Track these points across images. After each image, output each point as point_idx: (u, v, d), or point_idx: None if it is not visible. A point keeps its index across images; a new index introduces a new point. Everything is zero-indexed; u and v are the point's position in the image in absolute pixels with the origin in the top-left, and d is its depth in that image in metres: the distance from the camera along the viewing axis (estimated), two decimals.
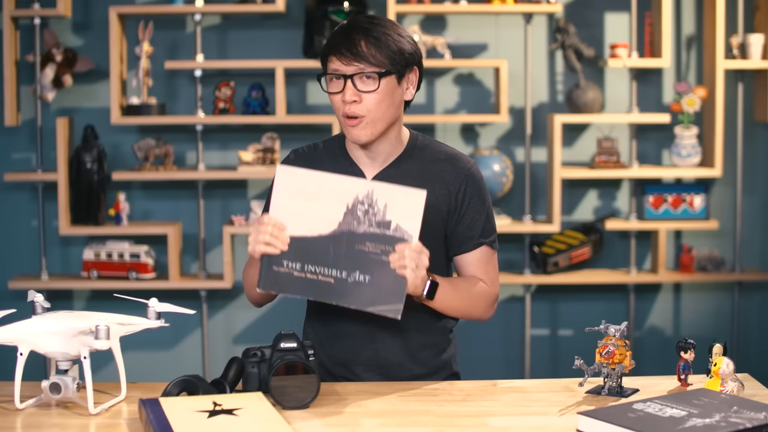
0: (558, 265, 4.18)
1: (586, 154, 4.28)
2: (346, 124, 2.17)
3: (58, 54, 4.05)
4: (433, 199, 2.19)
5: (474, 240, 2.25)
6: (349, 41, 2.12)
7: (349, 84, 2.13)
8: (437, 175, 2.23)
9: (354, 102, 2.13)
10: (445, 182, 2.23)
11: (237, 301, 4.32)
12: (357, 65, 2.12)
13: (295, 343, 1.98)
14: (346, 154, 2.26)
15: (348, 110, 2.14)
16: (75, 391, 1.93)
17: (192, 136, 4.19)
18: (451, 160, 2.26)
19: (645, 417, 1.77)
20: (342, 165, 2.24)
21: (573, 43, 4.12)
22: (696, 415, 1.77)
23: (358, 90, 2.13)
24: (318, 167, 2.19)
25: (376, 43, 2.12)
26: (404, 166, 2.23)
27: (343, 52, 2.12)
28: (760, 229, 4.37)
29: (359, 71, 2.12)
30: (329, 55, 2.15)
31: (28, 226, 4.26)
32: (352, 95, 2.13)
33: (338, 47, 2.13)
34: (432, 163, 2.25)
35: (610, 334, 2.04)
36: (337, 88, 2.15)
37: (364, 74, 2.12)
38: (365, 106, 2.14)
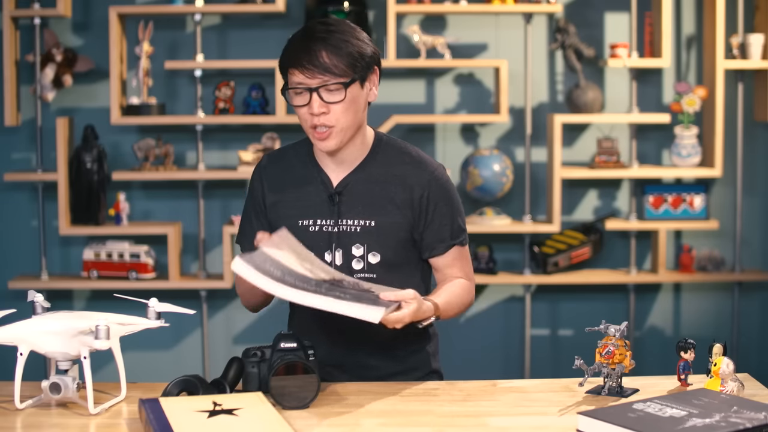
0: (558, 265, 4.18)
1: (586, 154, 4.28)
2: (315, 136, 2.16)
3: (58, 54, 4.05)
4: (397, 201, 2.22)
5: (445, 243, 2.27)
6: (309, 53, 2.09)
7: (315, 96, 2.11)
8: (401, 178, 2.23)
9: (322, 114, 2.12)
10: (408, 186, 2.23)
11: (237, 301, 4.31)
12: (321, 77, 2.09)
13: (295, 343, 1.98)
14: (313, 160, 2.26)
15: (317, 121, 2.13)
16: (75, 391, 1.93)
17: (192, 136, 4.19)
18: (415, 164, 2.25)
19: (645, 417, 1.77)
20: (310, 171, 2.25)
21: (573, 43, 4.12)
22: (696, 415, 1.77)
23: (324, 101, 2.11)
24: (288, 173, 2.25)
25: (337, 51, 2.09)
26: (369, 169, 2.23)
27: (305, 65, 2.09)
28: (760, 229, 4.37)
29: (323, 83, 2.10)
30: (290, 68, 2.12)
31: (28, 226, 4.26)
32: (320, 107, 2.11)
33: (299, 60, 2.10)
34: (396, 166, 2.24)
35: (610, 334, 2.04)
36: (303, 101, 2.12)
37: (329, 85, 2.10)
38: (333, 117, 2.13)
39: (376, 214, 2.21)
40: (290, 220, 2.22)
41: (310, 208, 2.23)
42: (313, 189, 2.23)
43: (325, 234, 2.21)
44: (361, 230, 2.21)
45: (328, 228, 2.21)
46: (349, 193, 2.22)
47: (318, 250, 2.19)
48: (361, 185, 2.21)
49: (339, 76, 2.10)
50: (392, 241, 2.22)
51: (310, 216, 2.22)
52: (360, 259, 2.22)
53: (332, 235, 2.21)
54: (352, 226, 2.21)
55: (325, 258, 2.21)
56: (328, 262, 2.21)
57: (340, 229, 2.21)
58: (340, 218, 2.21)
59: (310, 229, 2.22)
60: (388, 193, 2.22)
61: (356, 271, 2.22)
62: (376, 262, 2.22)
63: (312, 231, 2.22)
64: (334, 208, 2.21)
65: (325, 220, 2.22)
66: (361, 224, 2.21)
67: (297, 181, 2.25)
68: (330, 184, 2.23)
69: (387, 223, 2.21)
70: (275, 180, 2.27)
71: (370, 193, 2.22)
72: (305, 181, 2.25)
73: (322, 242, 2.21)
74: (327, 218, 2.22)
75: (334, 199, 2.21)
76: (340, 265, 2.21)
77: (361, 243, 2.21)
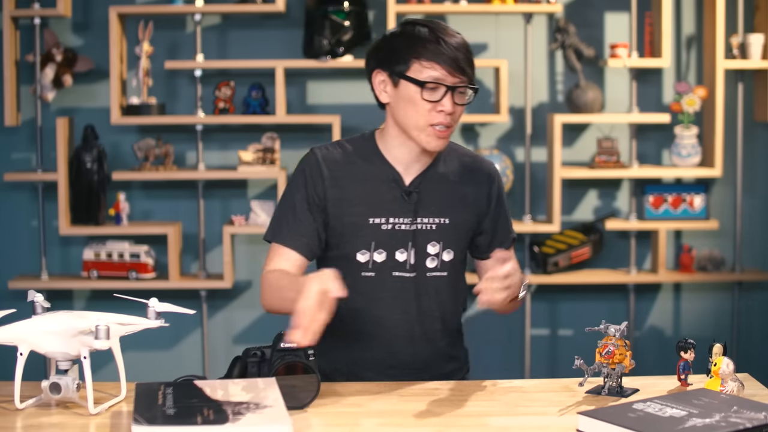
0: (558, 265, 4.18)
1: (586, 154, 4.28)
2: (433, 134, 2.17)
3: (58, 54, 4.05)
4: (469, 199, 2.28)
5: (510, 237, 2.36)
6: (453, 53, 2.13)
7: (449, 95, 2.15)
8: (467, 177, 2.29)
9: (450, 114, 2.16)
10: (475, 184, 2.29)
11: (237, 301, 4.32)
12: (459, 78, 2.15)
13: (295, 343, 1.98)
14: (381, 157, 2.25)
15: (443, 120, 2.15)
16: (75, 391, 1.93)
17: (192, 136, 4.19)
18: (476, 162, 2.33)
19: (645, 417, 1.77)
20: (378, 167, 2.24)
21: (573, 43, 4.12)
22: (696, 415, 1.77)
23: (455, 102, 2.16)
24: (351, 169, 2.23)
25: (471, 56, 2.18)
26: (438, 169, 2.27)
27: (451, 63, 2.13)
28: (760, 229, 4.37)
29: (460, 84, 2.15)
30: (429, 61, 2.14)
31: (28, 226, 4.26)
32: (452, 107, 2.15)
33: (442, 55, 2.13)
34: (461, 166, 2.30)
35: (610, 334, 2.04)
36: (434, 97, 2.15)
37: (462, 87, 2.16)
38: (455, 118, 2.18)
39: (450, 212, 2.25)
40: (358, 218, 2.22)
41: (382, 205, 2.22)
42: (385, 186, 2.23)
43: (399, 232, 2.22)
44: (437, 228, 2.24)
45: (403, 226, 2.22)
46: (423, 191, 2.24)
47: (391, 248, 2.22)
48: (433, 184, 2.25)
49: (471, 79, 2.18)
50: (464, 239, 2.29)
51: (382, 214, 2.22)
52: (434, 257, 2.25)
53: (408, 233, 2.22)
54: (428, 224, 2.23)
55: (397, 257, 2.22)
56: (402, 261, 2.23)
57: (417, 227, 2.23)
58: (416, 216, 2.23)
59: (382, 227, 2.22)
60: (459, 191, 2.27)
61: (429, 269, 2.25)
62: (449, 260, 2.26)
63: (385, 229, 2.22)
64: (410, 206, 2.22)
65: (399, 218, 2.22)
66: (436, 222, 2.24)
67: (363, 178, 2.24)
68: (402, 181, 2.23)
69: (460, 221, 2.27)
70: (337, 174, 2.23)
71: (442, 192, 2.25)
72: (373, 178, 2.24)
73: (396, 241, 2.22)
74: (401, 216, 2.22)
75: (411, 197, 2.22)
76: (414, 264, 2.23)
77: (437, 241, 2.24)
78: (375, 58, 2.23)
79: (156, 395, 1.86)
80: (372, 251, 2.22)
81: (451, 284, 2.29)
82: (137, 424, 1.70)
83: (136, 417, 1.74)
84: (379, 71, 2.21)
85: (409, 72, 2.15)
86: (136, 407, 1.80)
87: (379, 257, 2.23)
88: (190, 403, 1.82)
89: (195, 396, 1.86)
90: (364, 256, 2.23)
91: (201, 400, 1.84)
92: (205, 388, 1.91)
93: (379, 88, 2.22)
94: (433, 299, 2.27)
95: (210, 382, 1.95)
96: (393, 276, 2.23)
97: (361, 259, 2.23)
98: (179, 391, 1.89)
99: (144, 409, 1.78)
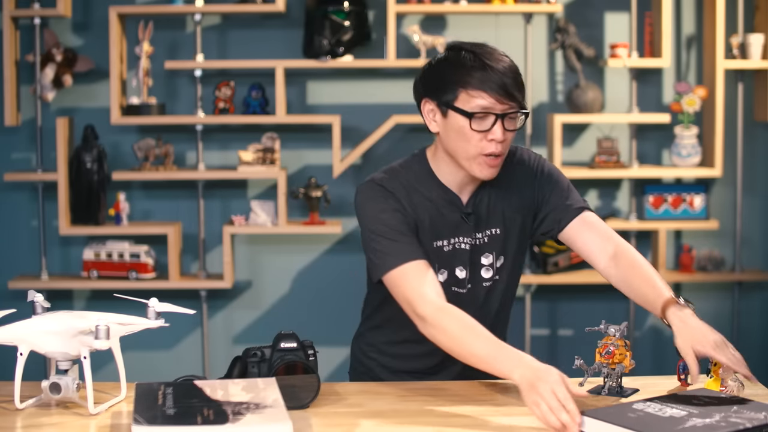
0: (558, 265, 4.18)
1: (586, 154, 4.28)
2: (485, 163, 2.12)
3: (58, 54, 4.05)
4: (515, 204, 2.23)
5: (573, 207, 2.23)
6: (500, 79, 2.07)
7: (499, 123, 2.09)
8: (513, 182, 2.24)
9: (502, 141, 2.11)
10: (519, 188, 2.25)
11: (237, 301, 4.32)
12: (508, 104, 2.09)
13: (295, 343, 1.98)
14: (436, 180, 2.22)
15: (495, 149, 2.11)
16: (75, 391, 1.93)
17: (192, 136, 4.19)
18: (520, 164, 2.26)
19: (645, 417, 1.77)
20: (437, 192, 2.21)
21: (573, 43, 4.12)
22: (696, 415, 1.77)
23: (505, 129, 2.11)
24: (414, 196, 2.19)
25: (520, 80, 2.11)
26: (491, 183, 2.22)
27: (499, 91, 2.07)
28: (760, 229, 4.37)
29: (509, 110, 2.10)
30: (477, 90, 2.08)
31: (28, 226, 4.26)
32: (503, 135, 2.10)
33: (490, 83, 2.07)
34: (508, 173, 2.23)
35: (610, 334, 2.04)
36: (485, 126, 2.10)
37: (511, 114, 2.10)
38: (504, 146, 2.13)
39: (501, 222, 2.23)
40: (425, 244, 2.20)
41: (445, 228, 2.21)
42: (446, 210, 2.21)
43: (458, 251, 2.22)
44: (489, 239, 2.23)
45: (461, 245, 2.22)
46: (478, 209, 2.23)
47: (450, 267, 2.22)
48: (485, 198, 2.22)
49: (521, 104, 2.11)
50: (516, 243, 2.26)
51: (444, 236, 2.22)
52: (489, 268, 2.24)
53: (465, 252, 2.22)
54: (482, 238, 2.23)
55: (458, 275, 2.22)
56: (462, 278, 2.22)
57: (474, 243, 2.23)
58: (475, 234, 2.23)
59: (444, 249, 2.22)
60: (506, 199, 2.23)
61: (485, 279, 2.24)
62: (500, 265, 2.25)
63: (447, 251, 2.22)
64: (470, 226, 2.21)
65: (458, 238, 2.22)
66: (488, 234, 2.23)
67: (423, 202, 2.21)
68: (460, 202, 2.22)
69: (511, 228, 2.24)
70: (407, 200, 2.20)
71: (493, 203, 2.23)
72: (434, 202, 2.21)
73: (456, 259, 2.22)
74: (461, 236, 2.22)
75: (470, 217, 2.21)
76: (469, 278, 2.23)
77: (490, 251, 2.24)
78: (423, 87, 2.18)
79: (156, 395, 1.86)
80: (436, 271, 2.20)
81: (504, 287, 2.28)
82: (137, 424, 1.70)
83: (136, 417, 1.74)
84: (428, 100, 2.17)
85: (456, 102, 2.10)
86: (136, 407, 1.80)
87: (441, 277, 2.22)
88: (190, 403, 1.82)
89: (195, 396, 1.86)
90: None
91: (201, 400, 1.84)
92: (205, 388, 1.91)
93: (429, 117, 2.18)
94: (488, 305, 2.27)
95: (210, 382, 1.95)
96: (454, 292, 2.23)
97: None
98: (179, 391, 1.89)
99: (144, 409, 1.78)
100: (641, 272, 2.15)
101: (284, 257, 4.29)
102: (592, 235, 2.23)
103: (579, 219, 2.23)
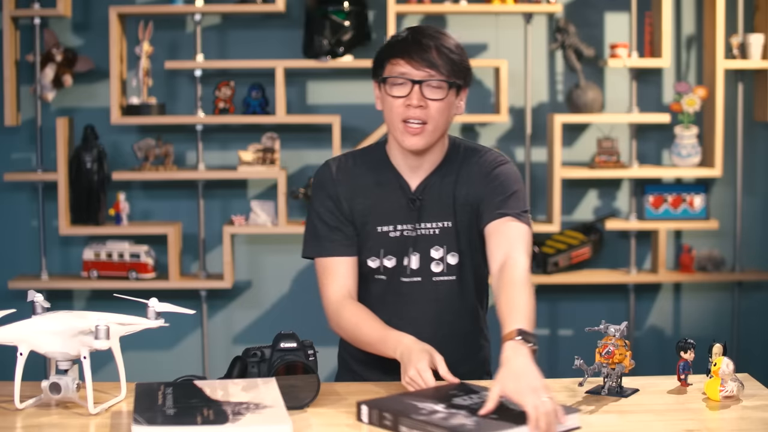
0: (558, 265, 4.18)
1: (586, 154, 4.28)
2: (406, 130, 2.16)
3: (58, 54, 4.05)
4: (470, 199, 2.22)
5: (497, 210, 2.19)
6: (420, 46, 2.13)
7: (416, 89, 2.13)
8: (469, 177, 2.24)
9: (420, 107, 2.14)
10: (475, 182, 2.24)
11: (237, 301, 4.32)
12: (428, 71, 2.13)
13: (295, 343, 1.98)
14: (389, 165, 2.26)
15: (412, 114, 2.14)
16: (75, 391, 1.93)
17: (192, 136, 4.19)
18: (481, 161, 2.26)
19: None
20: (386, 176, 2.25)
21: (573, 43, 4.12)
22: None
23: (424, 96, 2.14)
24: (362, 179, 2.23)
25: (446, 52, 2.14)
26: (443, 172, 2.25)
27: (414, 56, 2.12)
28: (760, 229, 4.37)
29: (428, 78, 2.13)
30: (395, 58, 2.15)
31: (28, 226, 4.26)
32: (419, 100, 2.14)
33: (409, 51, 2.13)
34: (467, 167, 2.25)
35: (610, 334, 2.04)
36: (402, 92, 2.15)
37: (433, 81, 2.14)
38: (429, 114, 2.15)
39: (453, 215, 2.23)
40: (369, 227, 2.23)
41: (390, 213, 2.23)
42: (392, 194, 2.24)
43: (403, 239, 2.23)
44: (440, 232, 2.23)
45: (407, 232, 2.23)
46: (427, 196, 2.23)
47: (397, 255, 2.23)
48: (437, 188, 2.23)
49: (443, 74, 2.14)
50: (469, 241, 2.25)
51: (391, 222, 2.23)
52: (439, 262, 2.24)
53: (409, 239, 2.23)
54: (431, 228, 2.23)
55: (404, 263, 2.24)
56: (410, 267, 2.24)
57: (419, 232, 2.23)
58: (419, 222, 2.23)
59: (390, 235, 2.23)
60: (463, 192, 2.24)
61: (435, 274, 2.24)
62: (454, 264, 2.25)
63: (392, 236, 2.23)
64: (414, 212, 2.23)
65: (405, 225, 2.23)
66: (439, 226, 2.23)
67: (373, 187, 2.25)
68: (408, 188, 2.24)
69: (463, 223, 2.24)
70: (349, 185, 2.25)
71: (446, 195, 2.24)
72: (382, 186, 2.24)
73: (402, 247, 2.23)
74: (406, 223, 2.23)
75: (414, 203, 2.23)
76: (417, 269, 2.23)
77: (440, 245, 2.23)
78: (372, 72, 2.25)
79: (156, 395, 1.86)
80: (382, 257, 2.24)
81: (463, 288, 2.27)
82: (137, 424, 1.70)
83: (136, 417, 1.74)
84: (374, 83, 2.24)
85: (384, 74, 2.18)
86: (136, 407, 1.80)
87: (389, 263, 2.24)
88: (190, 403, 1.82)
89: (195, 396, 1.86)
90: (374, 263, 2.25)
91: (201, 400, 1.84)
92: (205, 388, 1.91)
93: (377, 99, 2.24)
94: (442, 304, 2.27)
95: (210, 382, 1.95)
96: (401, 281, 2.25)
97: (372, 265, 2.25)
98: (179, 391, 1.89)
99: (144, 409, 1.78)
100: (510, 294, 2.06)
101: (284, 257, 4.29)
102: (497, 242, 2.17)
103: (495, 223, 2.19)
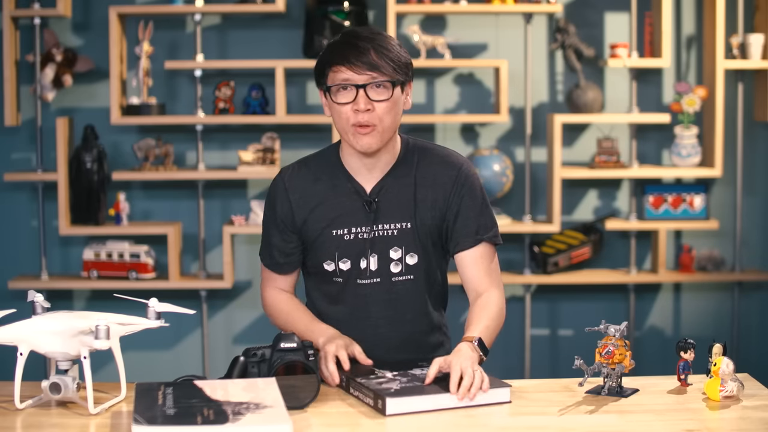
0: (558, 265, 4.18)
1: (586, 154, 4.28)
2: (357, 133, 2.17)
3: (58, 54, 4.05)
4: (428, 201, 2.25)
5: (472, 237, 2.27)
6: (358, 51, 2.14)
7: (361, 93, 2.15)
8: (430, 179, 2.26)
9: (368, 110, 2.15)
10: (437, 185, 2.26)
11: (237, 301, 4.32)
12: (369, 74, 2.15)
13: (295, 343, 1.98)
14: (342, 169, 2.28)
15: (361, 119, 2.16)
16: (75, 391, 1.93)
17: (192, 136, 4.19)
18: (443, 163, 2.29)
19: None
20: (339, 180, 2.27)
21: (573, 43, 4.12)
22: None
23: (369, 99, 2.15)
24: (315, 185, 2.26)
25: (385, 53, 2.16)
26: (399, 172, 2.27)
27: (354, 61, 2.14)
28: (760, 229, 4.37)
29: (371, 80, 2.15)
30: (336, 65, 2.16)
31: (28, 226, 4.26)
32: (366, 104, 2.15)
33: (347, 57, 2.14)
34: (425, 167, 2.27)
35: (610, 334, 2.04)
36: (348, 98, 2.16)
37: (375, 83, 2.15)
38: (377, 115, 2.16)
39: (412, 216, 2.25)
40: (324, 231, 2.25)
41: (344, 217, 2.25)
42: (346, 198, 2.25)
43: (360, 241, 2.24)
44: (398, 233, 2.25)
45: (363, 235, 2.24)
46: (383, 198, 2.25)
47: (354, 257, 2.25)
48: (394, 189, 2.25)
49: (385, 75, 2.15)
50: (428, 241, 2.27)
51: (344, 225, 2.25)
52: (398, 262, 2.26)
53: (366, 241, 2.24)
54: (389, 230, 2.25)
55: (361, 265, 2.25)
56: (364, 268, 2.25)
57: (376, 234, 2.24)
58: (375, 224, 2.24)
59: (345, 238, 2.25)
60: (420, 194, 2.25)
61: (395, 274, 2.26)
62: (413, 264, 2.26)
63: (347, 240, 2.25)
64: (370, 215, 2.24)
65: (360, 227, 2.24)
66: (398, 227, 2.25)
67: (326, 192, 2.26)
68: (363, 191, 2.25)
69: (422, 224, 2.26)
70: (302, 194, 2.28)
71: (404, 196, 2.25)
72: (335, 190, 2.26)
73: (357, 249, 2.25)
74: (362, 225, 2.24)
75: (371, 205, 2.24)
76: (375, 270, 2.25)
77: (399, 246, 2.25)
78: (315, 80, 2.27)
79: (156, 395, 1.86)
80: (337, 261, 2.27)
81: (421, 287, 2.29)
82: (137, 424, 1.70)
83: (136, 417, 1.74)
84: (320, 91, 2.25)
85: (328, 82, 2.19)
86: (136, 407, 1.80)
87: (344, 266, 2.27)
88: (190, 403, 1.82)
89: (195, 396, 1.86)
90: (329, 266, 2.28)
91: (201, 400, 1.84)
92: (205, 388, 1.91)
93: (324, 107, 2.26)
94: (402, 303, 2.29)
95: (210, 382, 1.95)
96: (357, 283, 2.27)
97: (327, 268, 2.28)
98: (179, 391, 1.89)
99: (144, 409, 1.78)
100: (480, 308, 2.21)
101: None
102: (476, 272, 2.26)
103: (472, 251, 2.25)
